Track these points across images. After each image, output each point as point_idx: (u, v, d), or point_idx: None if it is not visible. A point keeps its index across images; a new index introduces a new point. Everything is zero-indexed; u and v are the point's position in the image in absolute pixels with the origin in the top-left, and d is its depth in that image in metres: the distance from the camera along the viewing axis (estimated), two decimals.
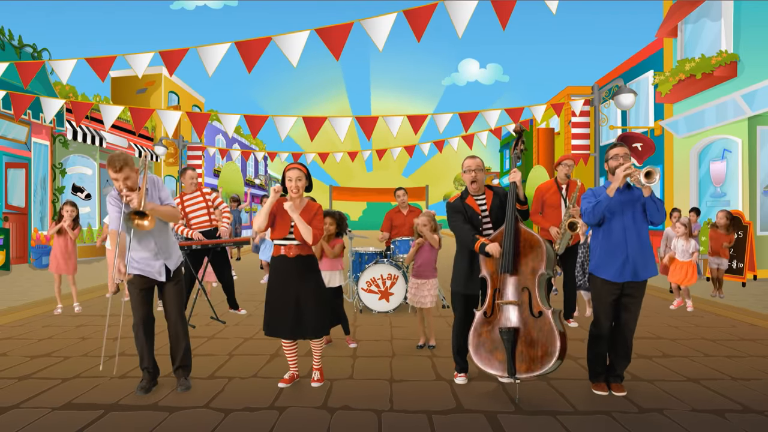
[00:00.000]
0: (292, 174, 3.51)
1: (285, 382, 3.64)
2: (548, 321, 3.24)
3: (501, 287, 3.41)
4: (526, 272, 3.38)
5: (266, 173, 34.45)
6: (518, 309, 3.33)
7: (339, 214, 4.84)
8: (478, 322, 3.44)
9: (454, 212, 3.68)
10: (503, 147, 28.96)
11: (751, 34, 9.81)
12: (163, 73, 20.35)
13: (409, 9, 5.13)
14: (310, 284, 3.57)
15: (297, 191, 3.51)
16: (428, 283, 4.74)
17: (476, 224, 3.64)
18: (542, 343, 3.20)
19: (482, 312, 3.45)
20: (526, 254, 3.41)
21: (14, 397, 3.37)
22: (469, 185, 3.71)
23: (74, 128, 13.26)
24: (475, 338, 3.42)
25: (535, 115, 8.86)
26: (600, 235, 3.50)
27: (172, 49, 5.84)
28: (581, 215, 3.55)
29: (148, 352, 3.55)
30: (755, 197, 9.79)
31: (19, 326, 5.59)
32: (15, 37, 11.63)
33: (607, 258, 3.42)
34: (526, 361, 3.22)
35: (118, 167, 3.30)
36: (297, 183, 3.50)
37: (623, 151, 3.47)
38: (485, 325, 3.40)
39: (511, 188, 3.50)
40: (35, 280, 9.03)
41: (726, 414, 3.11)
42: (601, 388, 3.48)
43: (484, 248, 3.41)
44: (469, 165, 3.68)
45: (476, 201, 3.70)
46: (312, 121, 8.12)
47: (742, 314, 6.17)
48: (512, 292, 3.38)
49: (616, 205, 3.39)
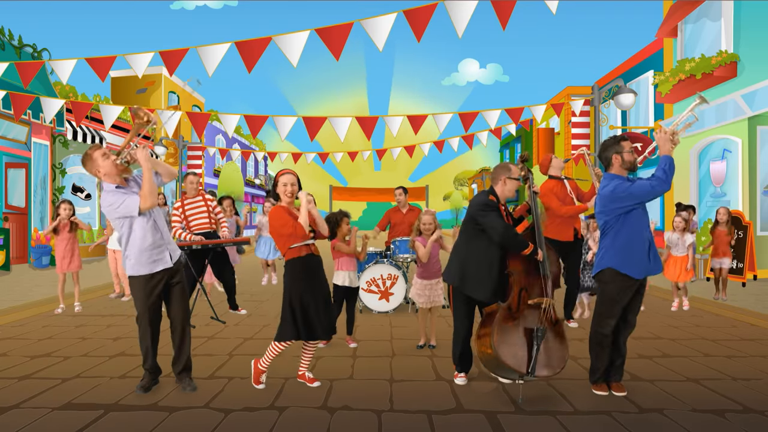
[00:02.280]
0: (287, 179, 3.58)
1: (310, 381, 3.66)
2: (562, 326, 3.49)
3: (528, 287, 3.48)
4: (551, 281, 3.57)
5: (266, 173, 34.43)
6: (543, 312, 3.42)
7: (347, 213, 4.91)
8: (503, 316, 3.39)
9: (491, 209, 3.48)
10: (503, 147, 28.96)
11: (751, 34, 9.81)
12: (163, 73, 20.36)
13: (409, 9, 5.13)
14: (328, 283, 3.69)
15: (291, 196, 3.57)
16: (439, 283, 4.74)
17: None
18: (558, 347, 3.40)
19: (507, 306, 3.44)
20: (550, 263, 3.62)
21: (14, 397, 3.37)
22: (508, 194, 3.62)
23: (74, 128, 13.26)
24: (499, 331, 3.34)
25: (535, 115, 8.87)
26: (622, 230, 3.28)
27: (172, 49, 5.84)
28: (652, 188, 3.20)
29: (152, 354, 3.54)
30: (755, 197, 9.79)
31: (19, 326, 5.59)
32: (15, 37, 11.63)
33: (631, 252, 3.25)
34: (548, 363, 3.33)
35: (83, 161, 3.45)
36: (291, 188, 3.56)
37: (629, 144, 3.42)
38: (510, 320, 3.40)
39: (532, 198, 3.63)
40: (35, 280, 9.03)
41: (726, 414, 3.11)
42: (601, 388, 3.47)
43: (536, 252, 3.44)
44: (518, 176, 3.63)
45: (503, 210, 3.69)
46: (312, 120, 8.12)
47: (742, 314, 6.17)
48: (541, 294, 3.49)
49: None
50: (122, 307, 6.70)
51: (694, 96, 3.46)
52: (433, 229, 4.76)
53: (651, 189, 3.21)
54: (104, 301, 7.24)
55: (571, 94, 11.65)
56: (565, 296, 5.72)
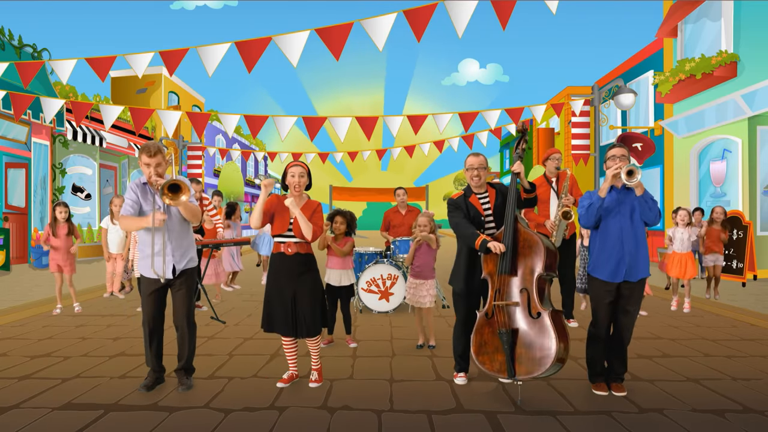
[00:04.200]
0: (295, 170, 3.52)
1: (284, 381, 3.62)
2: (546, 322, 3.18)
3: (501, 288, 3.36)
4: (525, 273, 3.32)
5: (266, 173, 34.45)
6: (518, 310, 3.29)
7: (350, 214, 4.88)
8: (480, 324, 3.40)
9: (455, 209, 3.60)
10: (503, 147, 28.96)
11: (751, 34, 9.81)
12: (163, 73, 20.36)
13: (409, 9, 5.13)
14: (306, 283, 3.54)
15: (299, 187, 3.51)
16: (426, 284, 4.73)
17: (478, 223, 3.56)
18: (539, 345, 3.16)
19: (483, 313, 3.41)
20: (525, 254, 3.35)
21: (14, 397, 3.36)
22: (471, 184, 3.63)
23: (74, 128, 13.26)
24: (477, 339, 3.39)
25: (535, 115, 8.86)
26: (597, 236, 3.52)
27: (172, 49, 5.85)
28: (579, 219, 3.56)
29: (154, 354, 3.55)
30: (755, 197, 9.80)
31: (19, 326, 5.59)
32: (15, 37, 11.63)
33: (603, 258, 3.44)
34: (526, 363, 3.18)
35: (153, 152, 3.37)
36: (299, 179, 3.50)
37: (621, 152, 3.48)
38: (486, 327, 3.36)
39: (512, 181, 3.48)
40: (35, 280, 9.03)
41: (726, 414, 3.11)
42: (601, 388, 3.48)
43: (485, 245, 3.32)
44: (472, 163, 3.60)
45: (479, 200, 3.63)
46: (312, 120, 8.12)
47: (742, 314, 6.17)
48: (511, 292, 3.34)
49: (613, 205, 3.42)
50: (122, 307, 6.70)
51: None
52: (428, 231, 4.76)
53: (579, 216, 3.54)
54: (104, 301, 7.24)
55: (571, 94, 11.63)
56: (563, 296, 5.72)
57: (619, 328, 3.49)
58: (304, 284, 3.54)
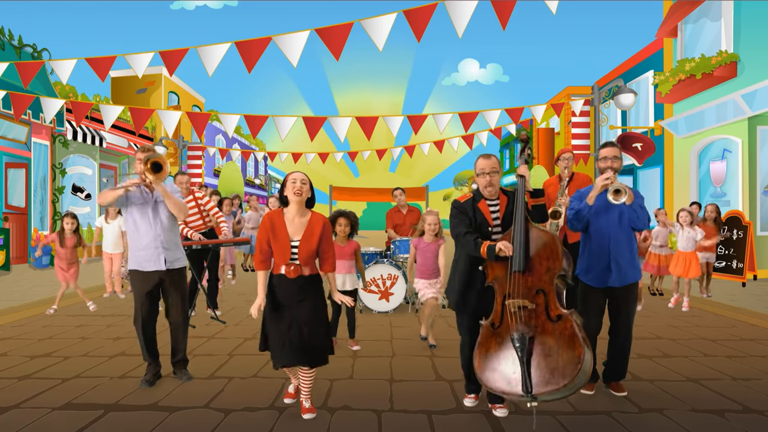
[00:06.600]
0: (296, 176, 3.07)
1: (290, 396, 3.30)
2: (570, 324, 2.75)
3: (512, 291, 2.93)
4: (541, 272, 2.93)
5: (266, 173, 34.45)
6: (533, 313, 2.87)
7: (353, 215, 4.75)
8: (485, 336, 2.94)
9: (460, 213, 3.17)
10: (503, 147, 28.97)
11: (751, 34, 9.82)
12: (163, 73, 20.36)
13: (409, 9, 5.13)
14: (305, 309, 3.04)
15: (300, 194, 3.03)
16: (430, 282, 4.74)
17: (484, 232, 3.14)
18: (563, 351, 2.69)
19: (489, 323, 2.97)
20: (540, 252, 2.97)
21: (14, 397, 3.37)
22: (483, 189, 3.18)
23: (74, 128, 13.26)
24: (481, 354, 2.89)
25: (535, 115, 8.87)
26: (585, 239, 3.48)
27: (172, 49, 5.85)
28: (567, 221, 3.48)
29: (148, 349, 3.66)
30: (755, 197, 9.80)
31: (19, 326, 5.59)
32: (15, 37, 11.63)
33: (591, 262, 3.41)
34: (545, 374, 2.67)
35: (147, 148, 3.62)
36: (301, 185, 3.04)
37: (613, 152, 3.43)
38: (493, 338, 2.90)
39: (520, 183, 3.22)
40: (35, 280, 9.03)
41: (726, 414, 3.11)
42: (587, 388, 3.48)
43: (493, 250, 2.90)
44: (483, 167, 3.14)
45: (489, 207, 3.19)
46: (312, 121, 8.12)
47: (742, 314, 6.17)
48: (526, 294, 2.92)
49: (602, 210, 3.37)
50: (122, 307, 6.70)
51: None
52: (437, 230, 4.76)
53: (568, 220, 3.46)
54: (104, 301, 7.24)
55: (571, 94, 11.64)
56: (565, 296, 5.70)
57: (617, 330, 3.46)
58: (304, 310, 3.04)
